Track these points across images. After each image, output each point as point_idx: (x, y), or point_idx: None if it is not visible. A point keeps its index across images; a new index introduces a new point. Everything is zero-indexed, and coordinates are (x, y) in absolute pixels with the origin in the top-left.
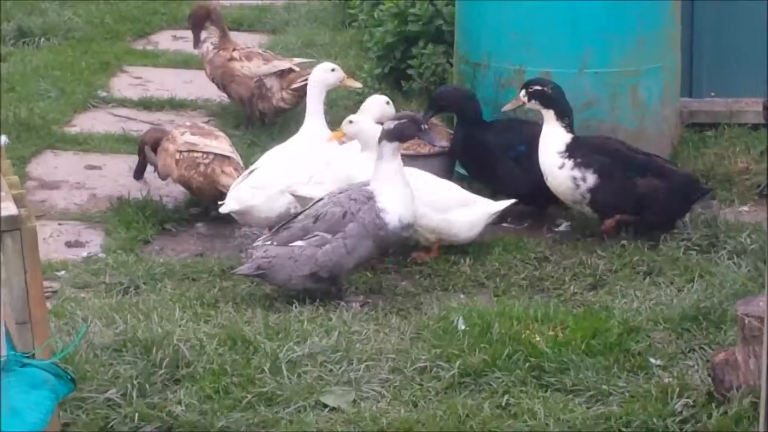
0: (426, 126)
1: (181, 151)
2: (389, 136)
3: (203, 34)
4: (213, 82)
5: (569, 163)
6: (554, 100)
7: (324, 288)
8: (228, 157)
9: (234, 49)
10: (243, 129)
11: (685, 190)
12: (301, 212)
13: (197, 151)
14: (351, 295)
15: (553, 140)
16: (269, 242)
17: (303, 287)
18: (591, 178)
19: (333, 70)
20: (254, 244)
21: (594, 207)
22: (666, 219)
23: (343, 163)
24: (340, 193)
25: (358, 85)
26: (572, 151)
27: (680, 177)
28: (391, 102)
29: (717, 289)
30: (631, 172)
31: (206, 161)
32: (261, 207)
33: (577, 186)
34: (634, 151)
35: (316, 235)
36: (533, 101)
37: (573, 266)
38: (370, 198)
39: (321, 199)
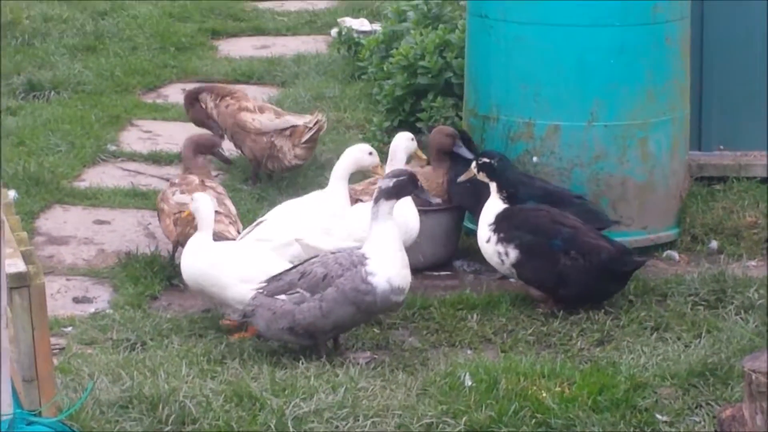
0: (421, 184)
1: (174, 213)
2: (387, 194)
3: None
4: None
5: (494, 237)
6: (498, 172)
7: (304, 343)
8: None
9: (247, 100)
10: (251, 183)
11: (612, 265)
12: (297, 265)
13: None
14: (357, 351)
15: (487, 213)
16: (261, 290)
17: (281, 339)
18: (513, 254)
19: (371, 153)
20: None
21: (522, 280)
22: (590, 294)
23: (358, 218)
24: (333, 253)
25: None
26: (499, 223)
27: (606, 253)
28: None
29: (724, 345)
30: (555, 248)
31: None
32: None
33: (502, 261)
34: (563, 223)
35: (297, 292)
36: (482, 173)
37: (580, 322)
38: (357, 264)
39: (316, 255)
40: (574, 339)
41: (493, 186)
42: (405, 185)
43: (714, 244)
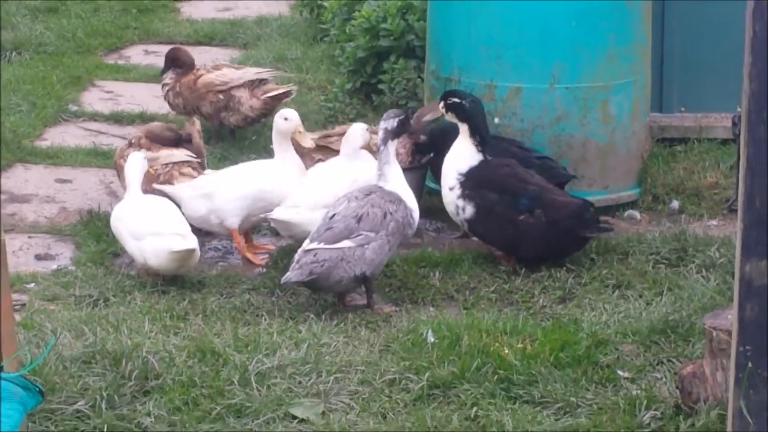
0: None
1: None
2: (393, 133)
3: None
4: (184, 110)
5: (457, 191)
6: (471, 114)
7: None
8: (185, 161)
9: (198, 69)
10: (213, 142)
11: (573, 225)
12: (333, 214)
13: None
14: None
15: (459, 159)
16: (315, 244)
17: (347, 290)
18: (469, 210)
19: (286, 119)
20: (300, 250)
21: (473, 236)
22: (548, 254)
23: (321, 185)
24: (367, 195)
25: (308, 144)
26: (468, 178)
27: (568, 212)
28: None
29: (685, 303)
30: (521, 207)
31: (165, 170)
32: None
33: (458, 213)
34: (528, 181)
35: (361, 234)
36: (450, 113)
37: (542, 279)
38: (399, 200)
39: (347, 200)
40: (536, 296)
41: (464, 128)
42: (406, 122)
43: (675, 203)
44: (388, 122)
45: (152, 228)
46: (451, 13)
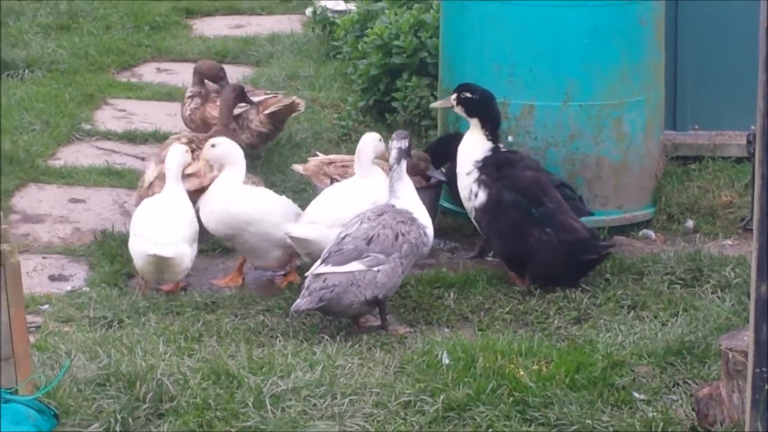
0: None
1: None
2: (407, 153)
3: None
4: (195, 130)
5: (476, 174)
6: (480, 107)
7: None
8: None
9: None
10: None
11: (575, 250)
12: (345, 236)
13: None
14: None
15: (472, 148)
16: (323, 267)
17: (359, 313)
18: (482, 196)
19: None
20: (308, 275)
21: (479, 226)
22: (556, 273)
23: (342, 202)
24: (379, 215)
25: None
26: (487, 164)
27: (577, 235)
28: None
29: (701, 324)
30: (530, 217)
31: (150, 192)
32: None
33: (469, 198)
34: (547, 195)
35: (370, 256)
36: (459, 107)
37: (557, 300)
38: (411, 219)
39: (359, 221)
40: (551, 317)
41: (474, 121)
42: (411, 142)
43: (690, 223)
44: (401, 142)
45: (138, 229)
46: (464, 30)
